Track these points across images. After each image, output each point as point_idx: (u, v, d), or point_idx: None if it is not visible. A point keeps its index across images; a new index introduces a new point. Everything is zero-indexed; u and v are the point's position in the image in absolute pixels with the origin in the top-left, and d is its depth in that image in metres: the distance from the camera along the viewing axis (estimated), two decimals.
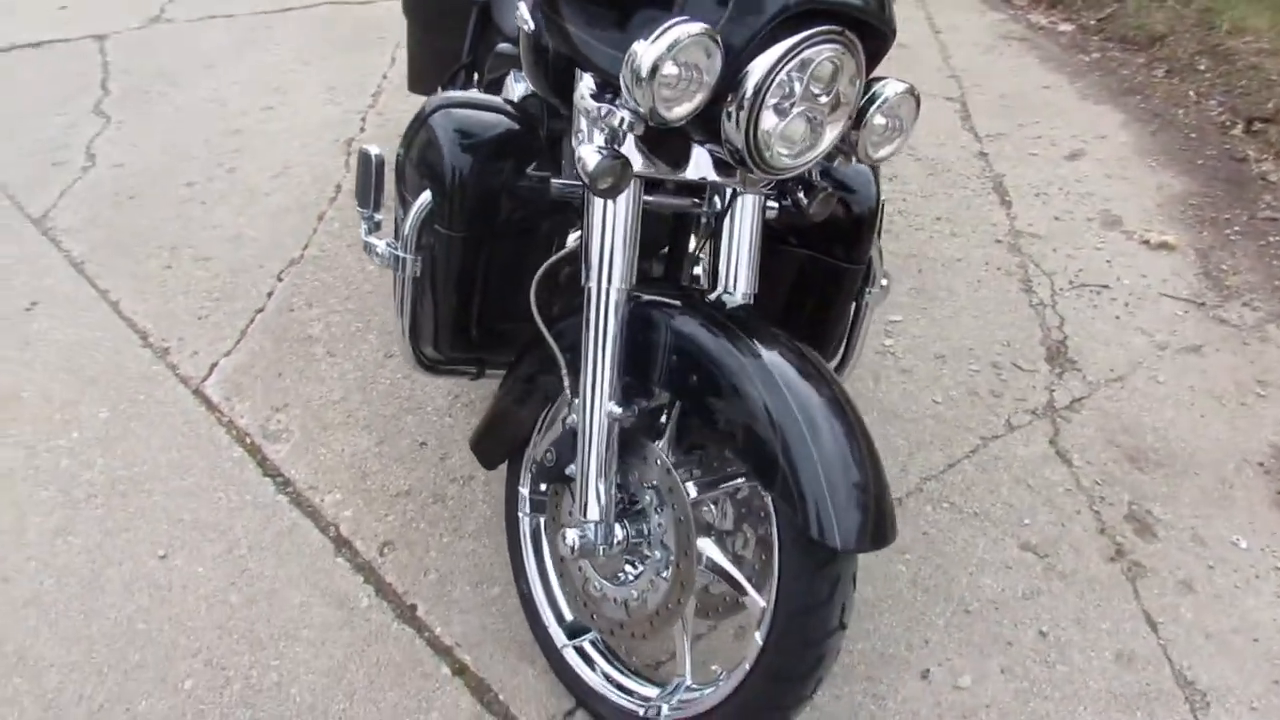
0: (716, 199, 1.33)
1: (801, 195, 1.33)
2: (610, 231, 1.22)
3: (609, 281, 1.23)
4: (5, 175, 3.05)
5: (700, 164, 1.25)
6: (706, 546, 1.32)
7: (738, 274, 1.31)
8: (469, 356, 1.56)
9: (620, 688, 1.48)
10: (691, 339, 1.24)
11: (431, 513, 1.83)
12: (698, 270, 1.48)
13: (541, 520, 1.51)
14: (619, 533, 1.31)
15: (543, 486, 1.43)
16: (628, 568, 1.36)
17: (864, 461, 1.16)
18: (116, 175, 3.01)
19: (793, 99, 1.11)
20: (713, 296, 1.32)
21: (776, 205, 1.35)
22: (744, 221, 1.30)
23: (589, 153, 1.11)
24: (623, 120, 1.11)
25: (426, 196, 1.38)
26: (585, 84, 1.18)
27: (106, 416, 2.05)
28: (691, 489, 1.28)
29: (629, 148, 1.17)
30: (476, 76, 2.05)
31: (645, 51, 1.02)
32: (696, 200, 1.35)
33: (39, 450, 1.97)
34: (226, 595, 1.67)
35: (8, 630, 1.60)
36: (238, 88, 3.53)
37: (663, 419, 1.34)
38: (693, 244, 1.47)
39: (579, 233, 1.30)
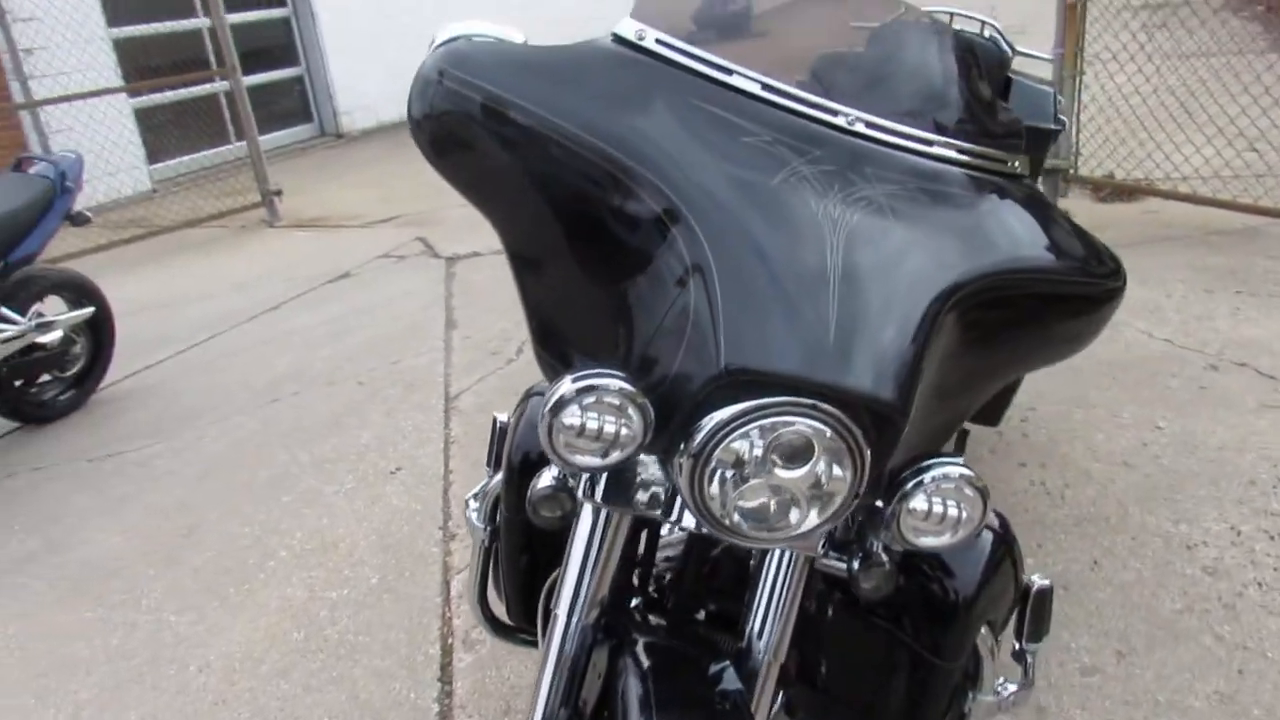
0: None
1: (855, 561, 1.12)
2: (574, 559, 1.18)
3: (563, 609, 1.17)
4: (460, 357, 3.78)
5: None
6: None
7: (763, 638, 1.17)
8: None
9: None
10: (627, 704, 1.15)
11: None
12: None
13: None
14: None
15: None
16: None
17: None
18: (534, 368, 3.56)
19: (749, 467, 0.95)
20: (716, 668, 1.19)
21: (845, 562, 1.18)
22: (773, 576, 1.13)
23: (543, 477, 1.10)
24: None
25: (501, 474, 1.47)
26: None
27: (374, 583, 2.42)
28: None
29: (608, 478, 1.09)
30: None
31: (556, 389, 0.96)
32: None
33: (316, 595, 2.39)
34: None
35: None
36: None
37: None
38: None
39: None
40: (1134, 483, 2.46)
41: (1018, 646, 1.45)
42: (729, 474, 0.96)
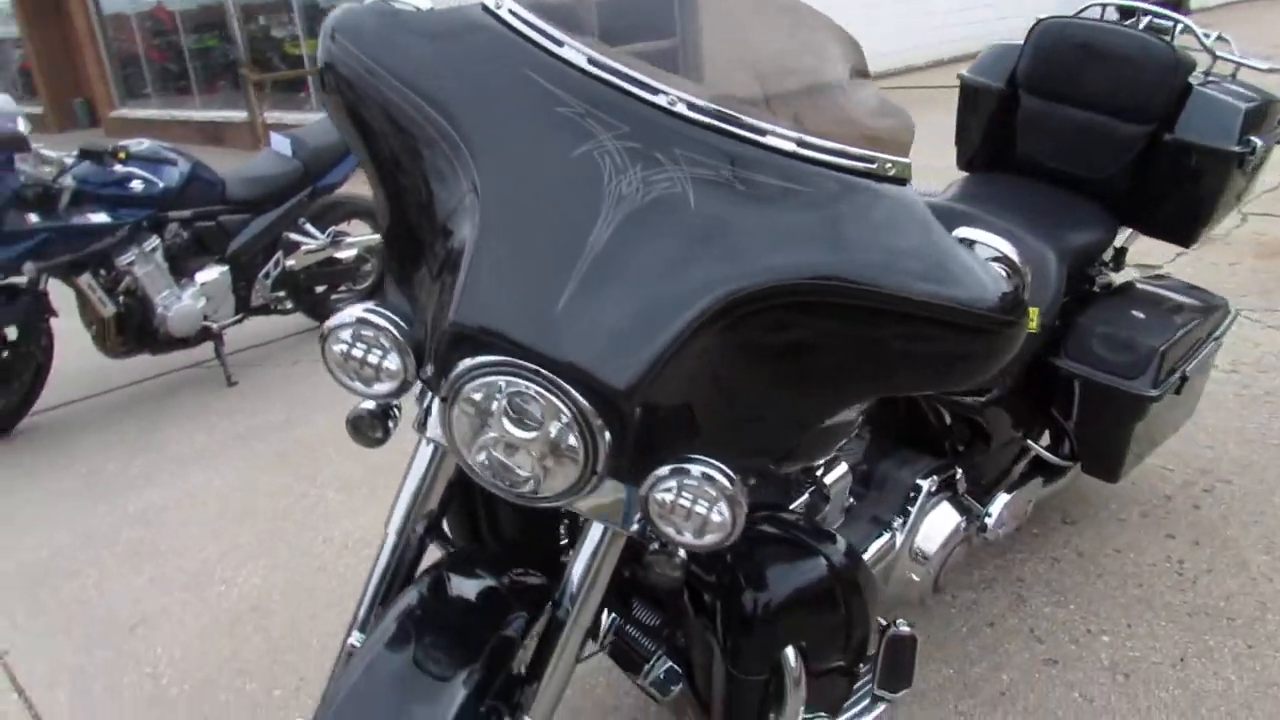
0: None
1: (654, 545, 1.10)
2: (408, 483, 1.25)
3: (393, 528, 1.25)
4: None
5: None
6: None
7: (575, 601, 1.18)
8: None
9: None
10: (415, 621, 1.26)
11: None
12: None
13: None
14: None
15: None
16: None
17: None
18: None
19: (489, 418, 1.02)
20: (514, 615, 1.23)
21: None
22: (590, 546, 1.16)
23: (366, 401, 1.19)
24: None
25: None
26: None
27: None
28: None
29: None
30: None
31: (336, 317, 1.08)
32: None
33: None
34: None
35: None
36: None
37: None
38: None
39: None
40: None
41: (875, 692, 1.36)
42: (474, 421, 1.04)
